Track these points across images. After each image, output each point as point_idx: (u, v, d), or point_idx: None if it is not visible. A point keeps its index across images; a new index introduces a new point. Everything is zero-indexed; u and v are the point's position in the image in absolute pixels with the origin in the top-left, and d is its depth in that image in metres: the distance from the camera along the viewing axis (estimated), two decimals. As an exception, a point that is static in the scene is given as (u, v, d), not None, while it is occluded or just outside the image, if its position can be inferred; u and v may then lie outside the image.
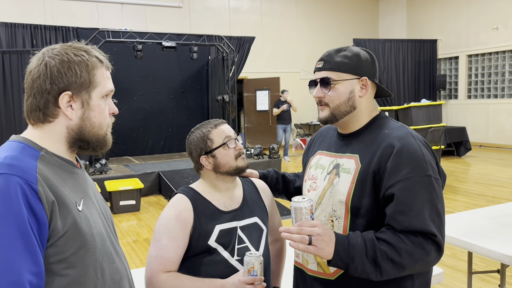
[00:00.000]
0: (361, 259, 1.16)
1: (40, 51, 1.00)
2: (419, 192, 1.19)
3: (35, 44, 8.61)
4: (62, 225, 0.91)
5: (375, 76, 1.37)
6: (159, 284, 1.39)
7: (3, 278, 0.80)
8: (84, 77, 0.98)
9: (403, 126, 1.33)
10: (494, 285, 3.29)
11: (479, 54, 11.70)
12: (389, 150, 1.24)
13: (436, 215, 1.19)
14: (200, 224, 1.44)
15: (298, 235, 1.16)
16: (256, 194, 1.62)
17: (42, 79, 0.96)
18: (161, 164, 8.18)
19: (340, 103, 1.33)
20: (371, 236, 1.19)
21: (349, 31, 13.43)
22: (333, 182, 1.34)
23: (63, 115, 0.99)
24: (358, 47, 1.38)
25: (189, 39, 9.22)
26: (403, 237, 1.17)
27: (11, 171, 0.86)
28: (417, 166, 1.21)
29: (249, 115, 12.10)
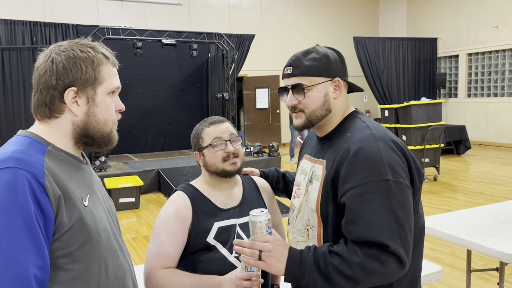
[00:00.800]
0: (311, 275, 1.11)
1: (48, 48, 1.01)
2: (372, 199, 1.09)
3: (34, 41, 8.59)
4: (68, 220, 0.92)
5: (345, 74, 1.32)
6: (157, 280, 1.39)
7: (8, 271, 0.80)
8: (90, 73, 0.99)
9: (367, 127, 1.22)
10: (493, 283, 3.29)
11: (479, 53, 11.69)
12: (345, 155, 1.16)
13: (395, 223, 1.08)
14: (198, 221, 1.44)
15: (249, 250, 1.16)
16: (256, 192, 1.62)
17: (48, 75, 0.97)
18: (160, 161, 8.17)
19: (316, 108, 1.27)
20: (324, 249, 1.13)
21: (349, 29, 13.42)
22: (308, 189, 1.30)
23: (68, 111, 0.99)
24: (324, 47, 1.33)
25: (189, 36, 9.21)
26: (356, 249, 1.09)
27: (19, 165, 0.87)
28: (373, 170, 1.11)
29: (249, 113, 12.10)
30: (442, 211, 5.27)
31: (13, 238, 0.82)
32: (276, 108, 11.85)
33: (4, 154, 0.88)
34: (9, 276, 0.80)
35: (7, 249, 0.81)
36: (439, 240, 4.14)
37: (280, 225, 1.75)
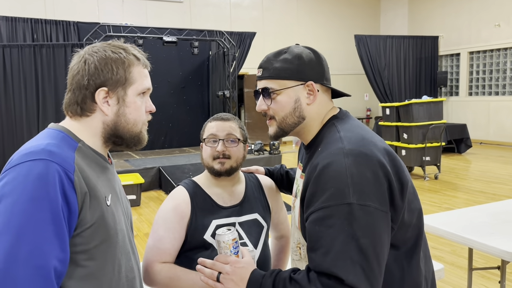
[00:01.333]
0: None
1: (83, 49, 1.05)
2: (332, 225, 0.97)
3: (35, 38, 8.59)
4: (90, 217, 0.94)
5: (323, 77, 1.17)
6: (154, 274, 1.40)
7: (31, 261, 0.82)
8: (120, 74, 1.01)
9: (339, 139, 1.08)
10: (494, 281, 3.29)
11: (480, 51, 11.67)
12: (312, 174, 1.05)
13: (357, 252, 0.95)
14: (196, 218, 1.45)
15: (208, 270, 1.13)
16: (259, 191, 1.61)
17: (80, 75, 1.00)
18: (161, 159, 8.18)
19: (286, 115, 1.16)
20: (286, 275, 1.04)
21: (351, 27, 13.40)
22: (294, 204, 1.22)
23: (99, 110, 1.02)
24: (302, 47, 1.20)
25: (190, 34, 9.20)
26: (315, 279, 0.98)
27: (52, 158, 0.89)
28: (336, 192, 0.99)
29: (250, 111, 12.09)
30: (443, 209, 5.27)
31: (39, 228, 0.84)
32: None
33: (38, 146, 0.91)
34: (31, 265, 0.82)
35: (32, 239, 0.83)
36: (440, 239, 4.14)
37: (285, 223, 1.73)
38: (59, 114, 8.14)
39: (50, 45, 8.13)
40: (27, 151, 0.90)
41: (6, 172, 0.88)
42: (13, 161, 0.89)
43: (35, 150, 0.89)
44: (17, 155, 0.90)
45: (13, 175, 0.86)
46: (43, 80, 8.03)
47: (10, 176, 0.87)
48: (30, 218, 0.83)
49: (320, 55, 1.20)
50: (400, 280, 1.10)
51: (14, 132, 7.92)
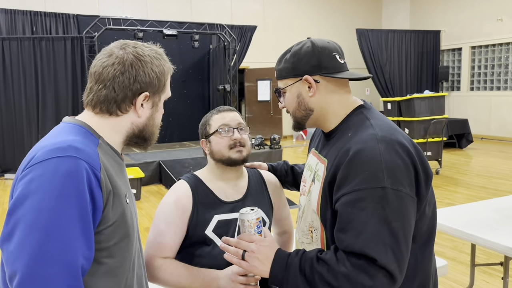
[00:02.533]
0: (295, 280, 1.06)
1: (117, 45, 1.04)
2: (365, 207, 1.01)
3: (35, 31, 8.54)
4: (112, 215, 0.94)
5: (320, 68, 1.19)
6: (154, 270, 1.38)
7: (61, 258, 0.82)
8: (162, 80, 1.05)
9: (370, 126, 1.13)
10: (496, 277, 3.28)
11: (482, 46, 11.61)
12: (344, 157, 1.08)
13: (389, 235, 0.99)
14: (198, 213, 1.42)
15: (233, 248, 1.15)
16: (262, 186, 1.59)
17: (126, 76, 1.00)
18: (161, 153, 8.16)
19: (294, 110, 1.25)
20: (312, 255, 1.07)
21: (352, 21, 13.33)
22: (310, 189, 1.24)
23: (133, 112, 1.03)
24: (306, 41, 1.24)
25: (190, 27, 9.15)
26: (344, 259, 1.02)
27: (79, 155, 0.88)
28: (370, 176, 1.02)
29: (250, 105, 12.06)
30: (444, 204, 5.25)
31: (68, 226, 0.83)
32: (278, 101, 11.80)
33: (63, 142, 0.90)
34: (61, 263, 0.82)
35: (61, 236, 0.83)
36: (441, 234, 4.12)
37: (288, 219, 1.71)
38: (58, 107, 8.12)
39: (50, 38, 8.08)
40: (52, 147, 0.88)
41: (31, 168, 0.86)
42: (37, 157, 0.87)
43: (61, 146, 0.88)
44: (42, 150, 0.88)
45: (40, 172, 0.85)
46: (43, 73, 7.99)
47: (36, 172, 0.85)
48: (59, 215, 0.83)
49: (317, 46, 1.21)
50: (413, 270, 1.12)
51: (13, 125, 7.90)
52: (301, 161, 8.71)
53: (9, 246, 0.83)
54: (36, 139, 7.82)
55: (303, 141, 11.80)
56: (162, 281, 1.38)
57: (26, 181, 0.85)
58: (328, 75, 1.19)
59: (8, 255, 0.82)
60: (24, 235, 0.82)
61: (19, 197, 0.84)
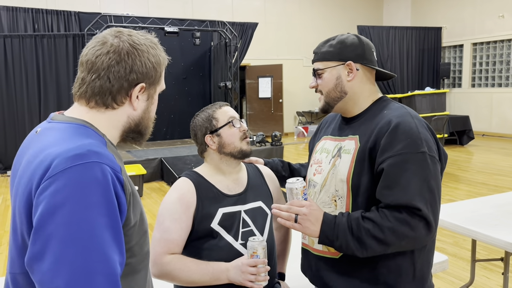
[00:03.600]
0: (345, 237, 1.22)
1: (110, 32, 0.98)
2: (409, 168, 1.20)
3: (36, 29, 8.55)
4: (134, 216, 0.91)
5: (363, 58, 1.38)
6: (163, 266, 1.39)
7: (101, 269, 0.79)
8: (158, 72, 1.01)
9: (403, 107, 1.36)
10: (497, 273, 3.30)
11: (484, 42, 11.59)
12: (386, 127, 1.27)
13: (428, 192, 1.20)
14: (203, 207, 1.44)
15: (286, 213, 1.26)
16: (261, 179, 1.62)
17: (122, 66, 0.94)
18: (163, 150, 8.17)
19: (330, 90, 1.40)
20: (357, 215, 1.24)
21: (353, 18, 13.30)
22: (335, 163, 1.38)
23: (129, 104, 0.98)
24: (350, 34, 1.43)
25: (191, 24, 9.14)
26: (387, 214, 1.20)
27: (102, 160, 0.83)
28: (411, 143, 1.23)
29: (251, 102, 12.06)
30: (444, 201, 5.26)
31: (102, 235, 0.80)
32: (279, 98, 11.81)
33: (80, 147, 0.83)
34: (102, 274, 0.79)
35: (98, 247, 0.79)
36: (442, 230, 4.14)
37: None
38: (60, 105, 8.12)
39: (51, 35, 8.09)
40: (70, 154, 0.81)
41: (52, 178, 0.79)
42: (56, 166, 0.80)
43: (81, 152, 0.82)
44: (59, 158, 0.81)
45: (64, 182, 0.79)
46: (45, 71, 8.01)
47: (59, 183, 0.79)
48: (92, 226, 0.79)
49: (363, 40, 1.41)
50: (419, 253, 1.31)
51: (15, 122, 7.91)
52: (302, 158, 8.72)
53: (42, 265, 0.77)
54: (38, 136, 7.82)
55: (304, 138, 11.81)
56: (172, 277, 1.40)
57: (50, 193, 0.79)
58: (367, 66, 1.39)
59: (43, 275, 0.77)
60: (59, 252, 0.76)
61: (46, 212, 0.78)
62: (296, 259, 1.94)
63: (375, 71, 1.43)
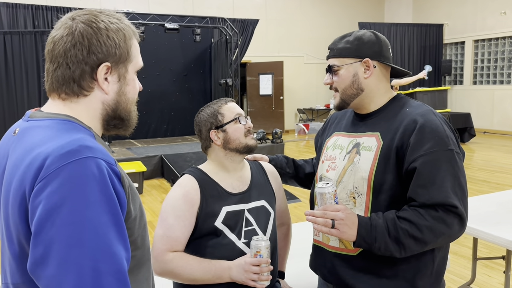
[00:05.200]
0: (384, 239, 1.22)
1: (67, 15, 0.91)
2: (441, 166, 1.22)
3: (36, 25, 8.53)
4: (133, 208, 0.88)
5: (380, 56, 1.38)
6: (165, 264, 1.38)
7: (109, 268, 0.76)
8: (123, 48, 0.91)
9: (423, 104, 1.36)
10: (498, 271, 3.28)
11: (485, 39, 11.54)
12: (412, 126, 1.27)
13: (459, 188, 1.23)
14: (207, 205, 1.43)
15: (321, 219, 1.23)
16: (264, 177, 1.60)
17: (78, 48, 0.86)
18: (163, 147, 8.16)
19: (346, 87, 1.38)
20: (392, 215, 1.24)
21: (355, 14, 13.25)
22: (353, 160, 1.37)
23: (98, 88, 0.90)
24: (366, 30, 1.41)
25: (192, 21, 9.12)
26: (423, 213, 1.21)
27: (95, 154, 0.79)
28: (440, 141, 1.24)
29: (252, 99, 12.04)
30: (446, 198, 5.24)
31: (106, 233, 0.77)
32: (280, 95, 11.78)
33: (71, 143, 0.79)
34: (110, 272, 0.76)
35: (103, 246, 0.76)
36: (443, 228, 4.12)
37: (287, 211, 1.73)
38: (61, 102, 8.12)
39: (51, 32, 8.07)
40: (62, 151, 0.77)
41: (46, 179, 0.75)
42: (49, 166, 0.76)
43: (72, 148, 0.77)
44: (50, 157, 0.77)
45: (59, 181, 0.75)
46: (44, 67, 7.98)
47: (54, 183, 0.75)
48: (94, 224, 0.75)
49: (380, 37, 1.40)
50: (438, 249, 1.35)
51: (15, 118, 7.89)
52: (303, 155, 8.71)
53: (46, 270, 0.74)
54: (38, 133, 7.82)
55: (305, 135, 11.79)
56: (174, 274, 1.38)
57: (47, 195, 0.75)
58: (384, 63, 1.39)
59: (49, 280, 0.74)
60: (63, 255, 0.73)
61: (44, 214, 0.74)
62: (294, 257, 1.93)
63: (390, 68, 1.43)
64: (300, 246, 2.01)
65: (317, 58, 12.85)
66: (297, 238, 2.06)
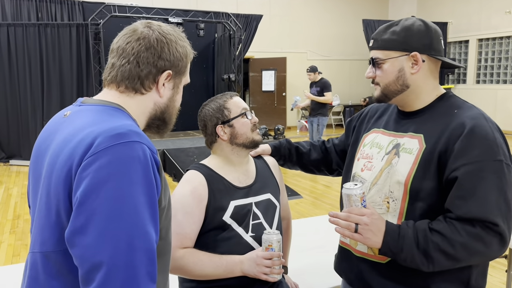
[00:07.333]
0: (411, 250, 1.13)
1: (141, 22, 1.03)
2: (486, 177, 1.10)
3: (40, 18, 8.51)
4: (164, 199, 0.93)
5: (430, 48, 1.24)
6: (176, 260, 1.38)
7: (142, 245, 0.81)
8: (184, 62, 1.04)
9: (474, 106, 1.24)
10: (500, 270, 3.28)
11: (489, 38, 11.50)
12: (459, 130, 1.15)
13: (504, 204, 1.10)
14: (215, 200, 1.43)
15: (344, 222, 1.16)
16: (268, 170, 1.61)
17: (151, 52, 0.98)
18: (165, 142, 8.17)
19: (389, 83, 1.26)
20: (424, 226, 1.14)
21: (359, 11, 13.20)
22: (391, 162, 1.26)
23: (155, 91, 1.01)
24: (415, 18, 1.27)
25: (195, 15, 9.10)
26: (458, 227, 1.10)
27: (142, 140, 0.86)
28: (488, 149, 1.12)
29: (255, 95, 12.02)
30: (448, 197, 5.23)
31: (143, 213, 0.82)
32: (282, 91, 11.77)
33: (121, 127, 0.86)
34: (143, 249, 0.81)
35: (140, 223, 0.81)
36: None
37: (288, 205, 1.74)
38: (63, 94, 8.11)
39: (55, 24, 8.06)
40: (112, 133, 0.84)
41: (96, 155, 0.81)
42: (99, 144, 0.82)
43: (122, 131, 0.85)
44: (101, 136, 0.83)
45: (108, 159, 0.81)
46: (48, 60, 7.98)
47: (103, 160, 0.81)
48: (134, 202, 0.81)
49: (430, 27, 1.25)
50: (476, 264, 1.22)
51: (18, 111, 7.91)
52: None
53: (84, 239, 0.79)
54: (41, 125, 7.83)
55: (307, 132, 11.78)
56: (185, 271, 1.39)
57: (95, 169, 0.80)
58: (434, 57, 1.25)
59: (86, 249, 0.79)
60: (103, 226, 0.78)
61: (90, 187, 0.80)
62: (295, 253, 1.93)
63: (440, 61, 1.28)
64: (301, 242, 2.02)
65: (320, 54, 12.82)
66: (298, 234, 2.07)
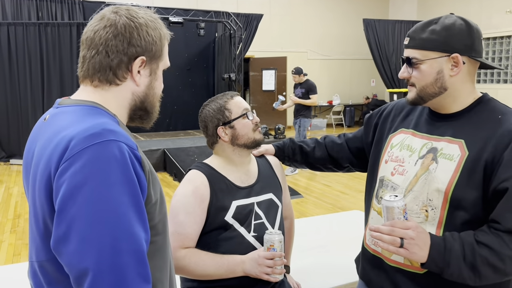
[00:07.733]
0: (458, 265, 1.08)
1: (109, 9, 0.97)
2: None
3: (40, 17, 8.52)
4: (154, 193, 0.91)
5: (471, 49, 1.17)
6: (178, 261, 1.38)
7: (128, 247, 0.78)
8: (158, 45, 0.98)
9: None
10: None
11: (490, 38, 11.49)
12: (507, 138, 1.09)
13: None
14: (217, 200, 1.42)
15: (389, 237, 1.09)
16: (270, 170, 1.60)
17: (119, 39, 0.92)
18: (166, 141, 8.17)
19: (426, 85, 1.19)
20: (471, 239, 1.09)
21: (359, 11, 13.19)
22: (428, 168, 1.19)
23: (131, 80, 0.96)
24: (456, 17, 1.20)
25: (196, 15, 9.10)
26: (507, 241, 1.06)
27: (117, 137, 0.83)
28: None
29: (255, 94, 12.02)
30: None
31: (126, 213, 0.79)
32: (283, 91, 11.76)
33: (94, 127, 0.83)
34: (130, 251, 0.78)
35: (123, 225, 0.79)
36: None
37: (290, 204, 1.73)
38: (63, 93, 8.11)
39: (55, 23, 8.06)
40: (85, 134, 0.81)
41: (70, 160, 0.79)
42: (73, 147, 0.80)
43: (95, 131, 0.81)
44: (75, 139, 0.80)
45: (82, 162, 0.78)
46: (48, 59, 7.98)
47: (78, 163, 0.78)
48: (115, 204, 0.78)
49: (472, 26, 1.19)
50: None
51: (18, 110, 7.91)
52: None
53: (68, 247, 0.77)
54: (41, 125, 7.82)
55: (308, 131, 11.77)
56: (187, 271, 1.38)
57: (70, 174, 0.78)
58: (475, 59, 1.18)
59: (71, 256, 0.77)
60: (85, 232, 0.76)
61: (67, 193, 0.77)
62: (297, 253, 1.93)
63: (479, 63, 1.21)
64: (302, 242, 2.02)
65: (320, 54, 12.81)
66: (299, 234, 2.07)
